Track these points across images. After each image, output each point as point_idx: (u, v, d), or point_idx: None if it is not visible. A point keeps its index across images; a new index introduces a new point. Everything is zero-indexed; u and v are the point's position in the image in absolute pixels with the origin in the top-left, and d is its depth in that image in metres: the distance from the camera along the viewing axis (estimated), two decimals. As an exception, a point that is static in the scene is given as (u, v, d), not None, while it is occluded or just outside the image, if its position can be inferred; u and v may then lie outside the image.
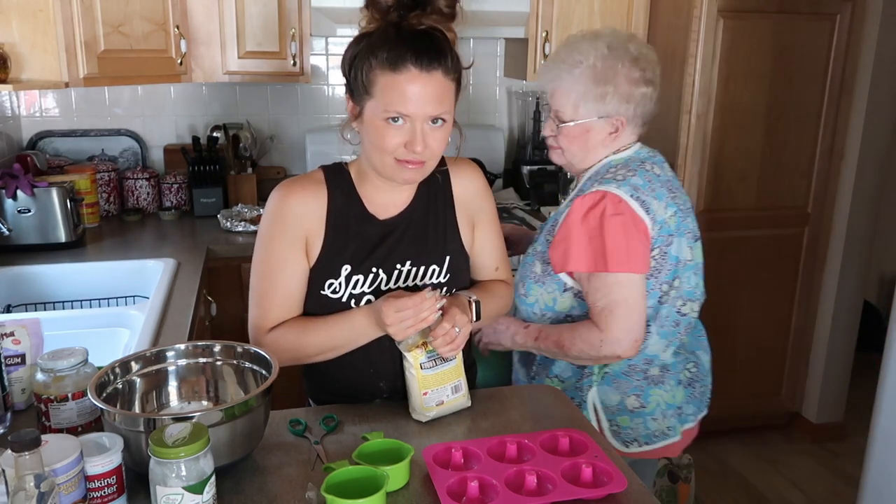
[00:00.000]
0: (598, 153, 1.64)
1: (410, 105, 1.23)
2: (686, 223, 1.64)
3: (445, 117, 1.27)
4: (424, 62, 1.22)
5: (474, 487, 1.10)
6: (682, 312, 1.64)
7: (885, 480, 2.04)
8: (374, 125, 1.27)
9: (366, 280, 1.36)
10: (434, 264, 1.39)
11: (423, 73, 1.22)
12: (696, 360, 1.72)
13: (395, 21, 1.24)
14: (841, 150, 2.96)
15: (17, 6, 2.12)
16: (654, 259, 1.56)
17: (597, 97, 1.57)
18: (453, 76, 1.27)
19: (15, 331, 1.36)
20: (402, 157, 1.27)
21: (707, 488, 2.84)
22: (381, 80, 1.24)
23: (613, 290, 1.51)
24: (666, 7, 2.85)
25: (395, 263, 1.37)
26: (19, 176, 2.33)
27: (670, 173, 1.67)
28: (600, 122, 1.59)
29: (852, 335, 3.13)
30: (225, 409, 1.10)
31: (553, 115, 1.64)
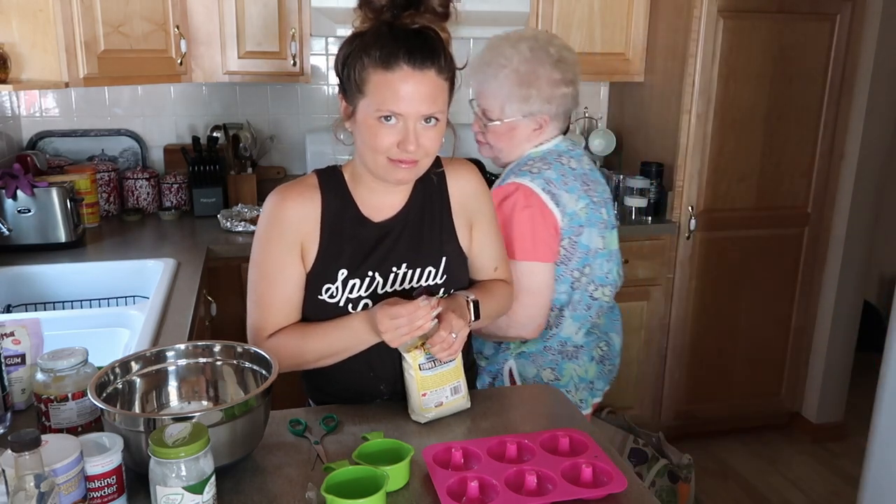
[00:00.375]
0: (522, 148, 1.73)
1: (403, 104, 1.23)
2: (598, 214, 1.72)
3: (439, 116, 1.27)
4: (417, 61, 1.21)
5: (474, 487, 1.10)
6: (595, 297, 1.73)
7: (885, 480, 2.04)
8: (367, 124, 1.26)
9: (362, 284, 1.35)
10: (430, 266, 1.38)
11: (416, 72, 1.22)
12: (608, 341, 1.82)
13: (388, 20, 1.23)
14: (841, 150, 2.96)
15: (17, 6, 2.12)
16: (564, 248, 1.66)
17: (521, 98, 1.65)
18: (447, 76, 1.26)
19: (15, 331, 1.36)
20: (395, 157, 1.26)
21: (707, 488, 2.84)
22: (373, 79, 1.23)
23: (520, 279, 1.59)
24: (666, 7, 2.85)
25: (390, 266, 1.36)
26: (19, 176, 2.33)
27: (588, 166, 1.75)
28: (525, 121, 1.68)
29: (852, 335, 3.13)
30: (225, 409, 1.10)
31: (480, 113, 1.73)
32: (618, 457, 1.22)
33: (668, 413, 3.06)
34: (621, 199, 2.90)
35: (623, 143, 3.21)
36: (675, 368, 3.02)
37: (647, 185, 2.85)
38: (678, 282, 2.92)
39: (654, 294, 2.91)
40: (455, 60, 1.29)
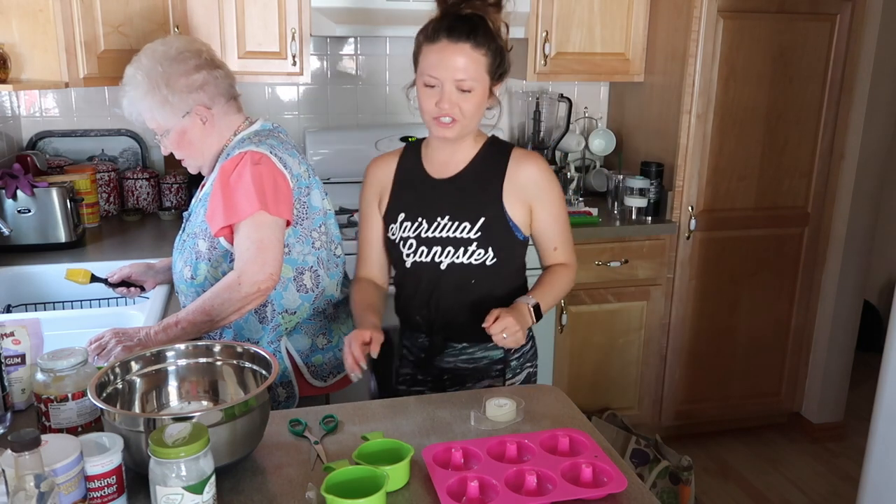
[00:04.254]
0: (208, 144, 1.76)
1: (439, 69, 1.47)
2: (316, 177, 1.82)
3: (471, 84, 1.48)
4: (455, 34, 1.46)
5: (474, 487, 1.10)
6: (337, 254, 1.85)
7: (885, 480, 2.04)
8: (419, 89, 1.52)
9: (412, 225, 1.60)
10: (466, 221, 1.58)
11: (452, 44, 1.46)
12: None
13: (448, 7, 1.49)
14: (841, 150, 2.96)
15: (17, 6, 2.13)
16: (297, 210, 1.73)
17: (161, 103, 1.68)
18: (484, 51, 1.48)
19: (15, 331, 1.36)
20: (436, 115, 1.50)
21: (707, 488, 2.84)
22: (422, 52, 1.51)
23: (251, 233, 1.62)
24: (666, 7, 2.85)
25: (435, 216, 1.59)
26: (19, 176, 2.33)
27: (292, 143, 1.84)
28: (185, 120, 1.71)
29: (852, 335, 3.13)
30: (225, 409, 1.10)
31: (159, 135, 1.76)
32: (618, 457, 1.22)
33: (668, 413, 3.06)
34: (621, 198, 2.90)
35: (623, 143, 3.21)
36: (675, 368, 3.02)
37: (647, 185, 2.85)
38: (678, 282, 2.92)
39: (654, 294, 2.91)
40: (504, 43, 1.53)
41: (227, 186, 1.63)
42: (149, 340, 1.61)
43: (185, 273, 1.75)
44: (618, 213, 2.91)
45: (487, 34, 1.49)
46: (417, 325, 1.69)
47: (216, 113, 1.73)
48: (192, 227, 1.76)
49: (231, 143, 1.75)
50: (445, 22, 1.48)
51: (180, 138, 1.73)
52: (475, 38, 1.47)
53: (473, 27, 1.48)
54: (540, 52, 2.85)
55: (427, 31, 1.51)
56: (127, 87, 1.71)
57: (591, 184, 3.22)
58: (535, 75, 2.89)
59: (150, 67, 1.68)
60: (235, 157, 1.67)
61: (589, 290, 2.82)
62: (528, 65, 2.87)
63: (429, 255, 1.60)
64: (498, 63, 1.53)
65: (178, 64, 1.68)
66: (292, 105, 3.09)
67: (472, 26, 1.47)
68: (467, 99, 1.50)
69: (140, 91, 1.68)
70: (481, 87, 1.51)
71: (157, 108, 1.69)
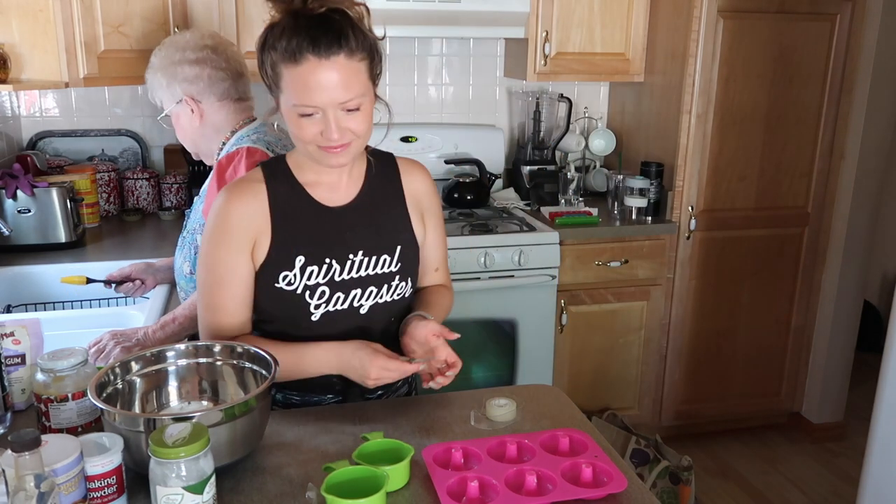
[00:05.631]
0: (201, 135, 1.80)
1: (316, 96, 1.21)
2: None
3: (358, 101, 1.24)
4: (322, 48, 1.19)
5: (474, 487, 1.10)
6: None
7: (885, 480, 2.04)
8: (290, 118, 1.26)
9: (320, 271, 1.34)
10: (385, 254, 1.38)
11: (324, 60, 1.19)
12: None
13: (296, 8, 1.21)
14: (841, 150, 2.96)
15: (17, 6, 2.12)
16: None
17: (158, 86, 1.78)
18: (361, 56, 1.23)
19: (15, 331, 1.36)
20: (324, 145, 1.26)
21: (707, 488, 2.84)
22: (285, 74, 1.22)
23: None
24: (666, 7, 2.85)
25: (347, 253, 1.35)
26: (19, 176, 2.33)
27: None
28: (178, 107, 1.77)
29: (852, 335, 3.13)
30: (225, 409, 1.10)
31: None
32: (618, 457, 1.22)
33: (668, 413, 3.06)
34: (621, 198, 2.90)
35: (623, 143, 3.21)
36: (675, 368, 3.02)
37: (647, 185, 2.85)
38: (678, 282, 2.92)
39: (654, 294, 2.91)
40: (372, 33, 1.26)
41: (222, 181, 1.65)
42: (147, 340, 1.62)
43: (184, 269, 1.77)
44: (618, 213, 2.91)
45: (357, 31, 1.22)
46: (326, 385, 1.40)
47: (205, 108, 1.77)
48: (192, 224, 1.78)
49: (230, 140, 1.77)
50: (303, 33, 1.19)
51: (176, 122, 1.81)
52: (347, 42, 1.20)
53: (340, 29, 1.20)
54: (540, 52, 2.85)
55: (279, 45, 1.20)
56: (148, 66, 1.81)
57: (591, 184, 3.22)
58: (535, 75, 2.89)
59: (161, 51, 1.78)
60: (232, 153, 1.69)
61: (589, 290, 2.82)
62: (528, 65, 2.87)
63: (346, 301, 1.35)
64: (376, 60, 1.28)
65: (178, 53, 1.75)
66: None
67: (338, 29, 1.20)
68: (356, 118, 1.25)
69: (151, 71, 1.78)
70: (368, 98, 1.26)
71: (156, 90, 1.79)
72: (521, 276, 2.67)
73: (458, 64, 3.19)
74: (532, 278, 2.69)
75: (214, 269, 1.33)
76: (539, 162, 3.13)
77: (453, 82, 3.21)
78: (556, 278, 2.72)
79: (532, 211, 2.98)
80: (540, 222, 2.81)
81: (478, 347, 2.72)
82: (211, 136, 1.79)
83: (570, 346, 2.86)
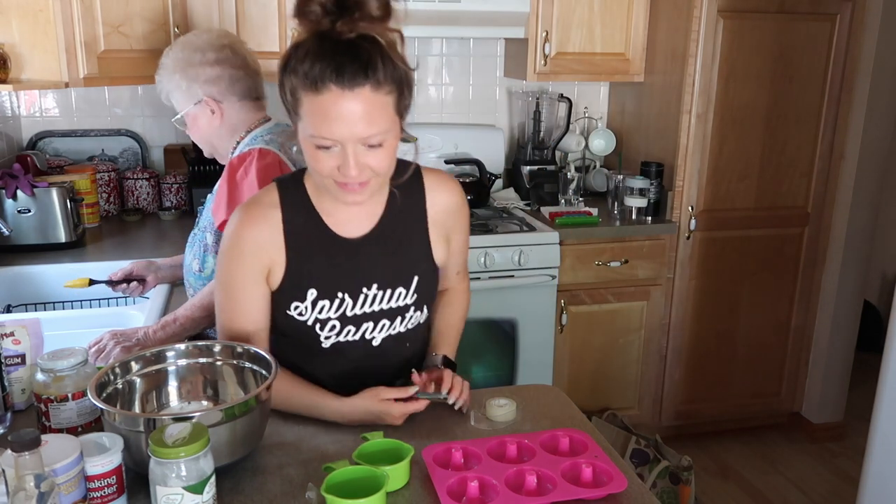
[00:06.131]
0: (218, 136, 1.79)
1: (336, 129, 1.12)
2: None
3: (381, 137, 1.16)
4: (347, 79, 1.10)
5: (474, 487, 1.10)
6: None
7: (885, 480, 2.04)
8: (307, 148, 1.18)
9: (332, 305, 1.30)
10: (401, 287, 1.33)
11: (347, 92, 1.11)
12: None
13: (324, 30, 1.12)
14: (841, 150, 2.96)
15: (17, 6, 2.12)
16: None
17: (176, 87, 1.75)
18: (388, 88, 1.14)
19: (15, 331, 1.36)
20: (340, 181, 1.18)
21: (707, 488, 2.84)
22: (305, 102, 1.14)
23: None
24: (666, 7, 2.85)
25: (361, 287, 1.30)
26: (19, 176, 2.33)
27: None
28: (197, 108, 1.75)
29: (852, 335, 3.13)
30: (225, 409, 1.10)
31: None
32: (618, 457, 1.22)
33: (668, 413, 3.06)
34: (621, 198, 2.90)
35: (623, 143, 3.21)
36: (675, 368, 3.02)
37: (647, 185, 2.85)
38: (678, 282, 2.92)
39: (654, 294, 2.91)
40: (404, 62, 1.16)
41: (232, 181, 1.66)
42: (147, 340, 1.62)
43: (193, 266, 1.78)
44: (618, 213, 2.91)
45: (386, 61, 1.13)
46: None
47: (226, 108, 1.76)
48: (203, 221, 1.79)
49: (244, 140, 1.78)
50: (327, 60, 1.10)
51: (193, 123, 1.79)
52: (374, 73, 1.11)
53: (368, 59, 1.11)
54: (540, 52, 2.85)
55: (301, 69, 1.12)
56: (160, 68, 1.79)
57: (591, 184, 3.22)
58: (535, 75, 2.89)
59: (176, 53, 1.76)
60: (244, 153, 1.69)
61: (589, 290, 2.82)
62: (528, 65, 2.87)
63: (357, 333, 1.33)
64: (405, 93, 1.18)
65: (196, 54, 1.73)
66: (292, 105, 3.08)
67: (365, 58, 1.11)
68: (378, 155, 1.17)
69: (165, 73, 1.76)
70: (392, 134, 1.18)
71: (171, 92, 1.77)
72: (521, 276, 2.67)
73: (458, 64, 3.19)
74: (532, 278, 2.69)
75: (229, 289, 1.31)
76: (539, 162, 3.13)
77: (453, 82, 3.20)
78: (556, 278, 2.72)
79: (532, 211, 2.98)
80: (540, 222, 2.81)
81: (478, 347, 2.71)
82: (227, 136, 1.79)
83: (570, 346, 2.86)
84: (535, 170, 3.09)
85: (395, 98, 1.16)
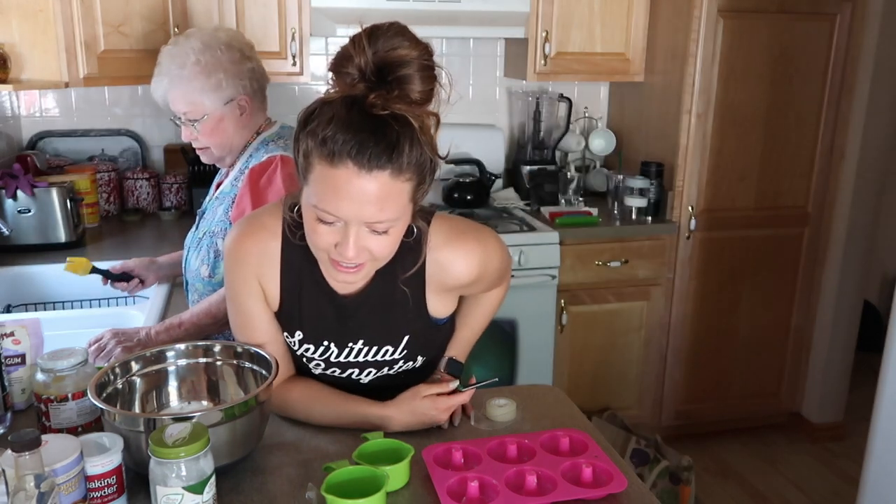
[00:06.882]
0: (239, 137, 1.75)
1: (343, 208, 1.05)
2: None
3: (389, 226, 1.09)
4: (367, 160, 1.02)
5: (474, 487, 1.10)
6: None
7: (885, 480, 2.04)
8: (307, 216, 1.10)
9: (317, 350, 1.29)
10: (388, 345, 1.28)
11: (364, 173, 1.03)
12: None
13: (356, 96, 1.05)
14: (841, 150, 2.96)
15: (17, 6, 2.12)
16: None
17: (213, 87, 1.67)
18: (409, 175, 1.06)
19: (15, 331, 1.36)
20: (335, 258, 1.11)
21: (707, 488, 2.84)
22: (317, 170, 1.05)
23: None
24: (666, 7, 2.85)
25: (347, 341, 1.28)
26: (19, 176, 2.33)
27: None
28: (227, 108, 1.70)
29: (852, 335, 3.13)
30: (225, 409, 1.10)
31: (183, 118, 1.72)
32: (618, 457, 1.22)
33: (669, 413, 3.06)
34: (621, 198, 2.90)
35: (623, 143, 3.21)
36: (675, 368, 3.02)
37: (647, 185, 2.85)
38: (678, 282, 2.92)
39: (654, 294, 2.91)
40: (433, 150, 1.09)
41: (256, 188, 1.62)
42: (150, 341, 1.61)
43: (202, 271, 1.74)
44: (618, 213, 2.91)
45: (414, 147, 1.05)
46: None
47: (254, 106, 1.74)
48: (210, 226, 1.75)
49: (254, 142, 1.75)
50: (351, 134, 1.02)
51: (216, 126, 1.70)
52: (398, 159, 1.03)
53: (395, 143, 1.03)
54: (540, 52, 2.85)
55: (320, 133, 1.03)
56: (171, 66, 1.67)
57: (591, 184, 3.22)
58: (535, 75, 2.89)
59: (210, 52, 1.66)
60: (265, 161, 1.66)
61: (589, 290, 2.82)
62: (528, 65, 2.87)
63: (344, 373, 1.31)
64: (426, 180, 1.10)
65: (233, 52, 1.69)
66: (292, 105, 3.08)
67: (389, 143, 1.02)
68: (380, 241, 1.10)
69: (196, 73, 1.65)
70: (403, 221, 1.11)
71: (206, 91, 1.66)
72: (521, 276, 2.67)
73: (458, 64, 3.19)
74: (532, 278, 2.69)
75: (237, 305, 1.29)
76: (539, 162, 3.13)
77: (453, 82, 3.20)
78: (557, 278, 2.72)
79: (532, 211, 2.98)
80: (540, 222, 2.81)
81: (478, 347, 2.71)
82: (245, 137, 1.76)
83: (571, 346, 2.86)
84: (535, 170, 3.09)
85: (413, 185, 1.09)
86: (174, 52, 1.70)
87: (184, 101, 1.69)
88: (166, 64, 1.70)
